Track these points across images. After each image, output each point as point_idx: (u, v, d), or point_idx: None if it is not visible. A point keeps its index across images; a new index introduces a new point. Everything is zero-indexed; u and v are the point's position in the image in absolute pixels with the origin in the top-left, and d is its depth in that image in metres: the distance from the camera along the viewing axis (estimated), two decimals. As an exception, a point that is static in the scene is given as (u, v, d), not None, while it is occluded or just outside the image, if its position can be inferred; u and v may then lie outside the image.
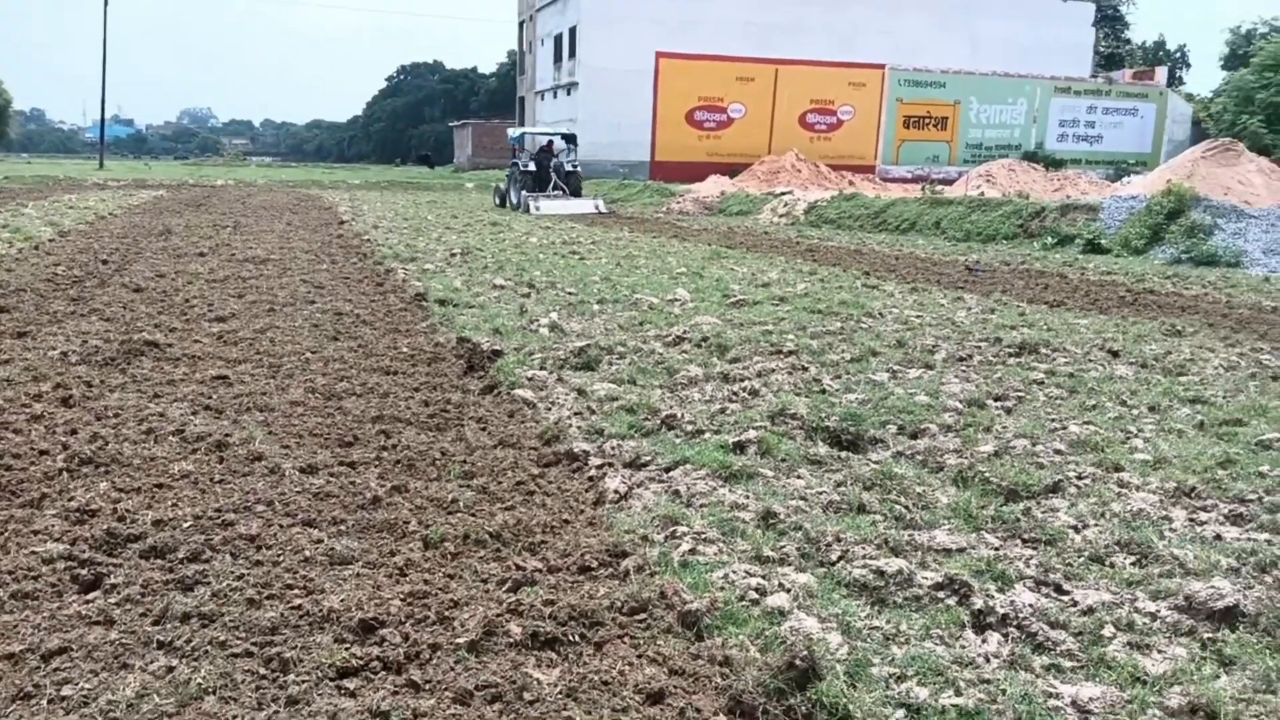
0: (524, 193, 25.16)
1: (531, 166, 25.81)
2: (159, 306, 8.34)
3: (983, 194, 22.55)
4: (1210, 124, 40.69)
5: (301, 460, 4.23)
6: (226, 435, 4.52)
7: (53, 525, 3.44)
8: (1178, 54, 63.25)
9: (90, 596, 2.96)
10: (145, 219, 18.69)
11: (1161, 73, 48.24)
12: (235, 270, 10.87)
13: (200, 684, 2.46)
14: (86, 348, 6.36)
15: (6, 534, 3.38)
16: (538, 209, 23.84)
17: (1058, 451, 4.61)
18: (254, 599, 2.92)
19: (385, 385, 5.71)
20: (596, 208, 24.92)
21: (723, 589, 3.05)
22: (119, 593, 2.96)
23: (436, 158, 75.74)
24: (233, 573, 3.09)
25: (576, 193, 25.76)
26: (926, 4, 43.48)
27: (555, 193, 25.31)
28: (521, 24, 51.87)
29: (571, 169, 26.38)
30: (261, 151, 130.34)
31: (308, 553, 3.26)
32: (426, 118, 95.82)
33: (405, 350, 6.76)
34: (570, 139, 27.81)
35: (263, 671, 2.54)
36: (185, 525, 3.48)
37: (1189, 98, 48.83)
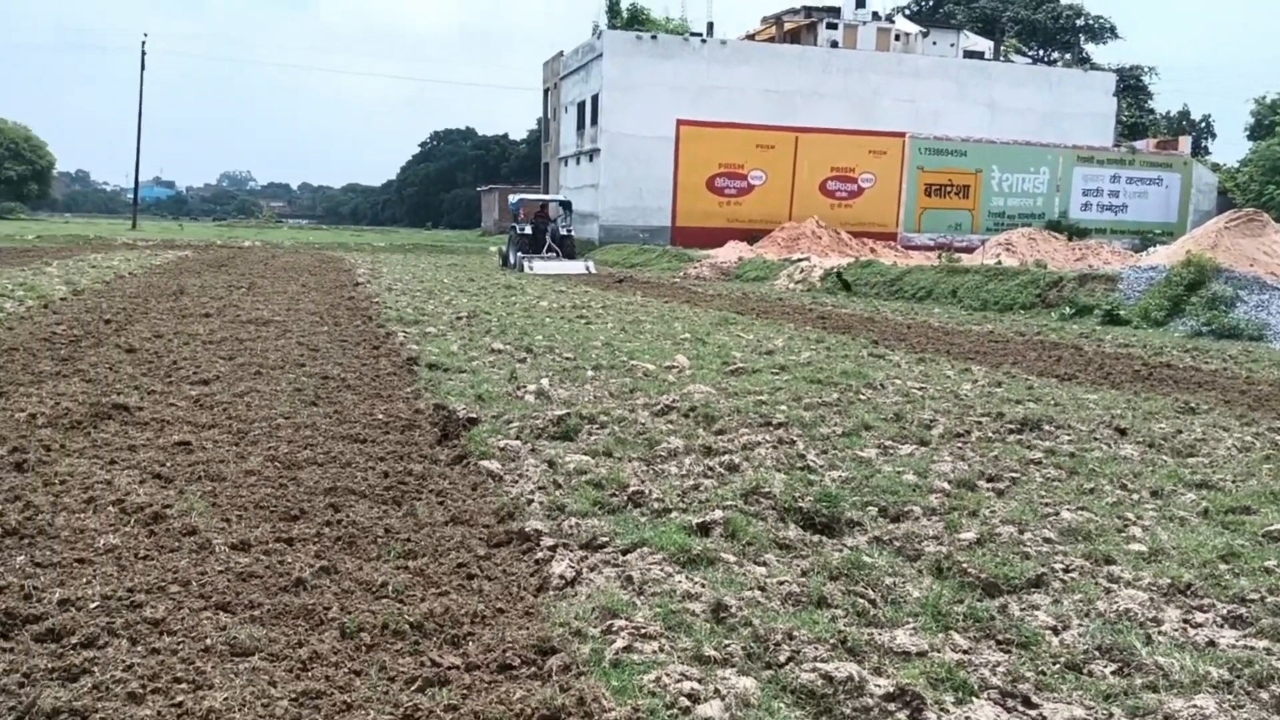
0: (519, 254, 27.10)
1: (528, 230, 27.86)
2: (145, 368, 8.21)
3: (1000, 262, 22.30)
4: (1236, 194, 40.40)
5: (236, 536, 4.01)
6: (166, 506, 4.31)
7: (-50, 604, 3.23)
8: (1202, 124, 63.15)
9: (-37, 687, 2.73)
10: (162, 279, 18.80)
11: (1185, 142, 48.10)
12: (234, 332, 10.78)
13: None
14: (57, 410, 6.21)
15: (-102, 613, 3.17)
16: (531, 269, 25.64)
17: (1046, 540, 4.29)
18: (135, 693, 2.68)
19: (349, 454, 5.50)
20: (587, 269, 26.42)
21: (652, 694, 2.77)
22: (-7, 684, 2.73)
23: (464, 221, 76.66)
24: (123, 661, 2.86)
25: (570, 255, 27.49)
26: (945, 72, 43.78)
27: (549, 254, 27.11)
28: (546, 91, 52.76)
29: (566, 233, 28.32)
30: (298, 214, 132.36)
31: (210, 640, 3.01)
32: (459, 182, 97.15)
33: (381, 417, 6.56)
34: (566, 205, 30.04)
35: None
36: (91, 606, 3.25)
37: (1215, 168, 48.57)
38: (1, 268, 20.09)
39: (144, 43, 57.62)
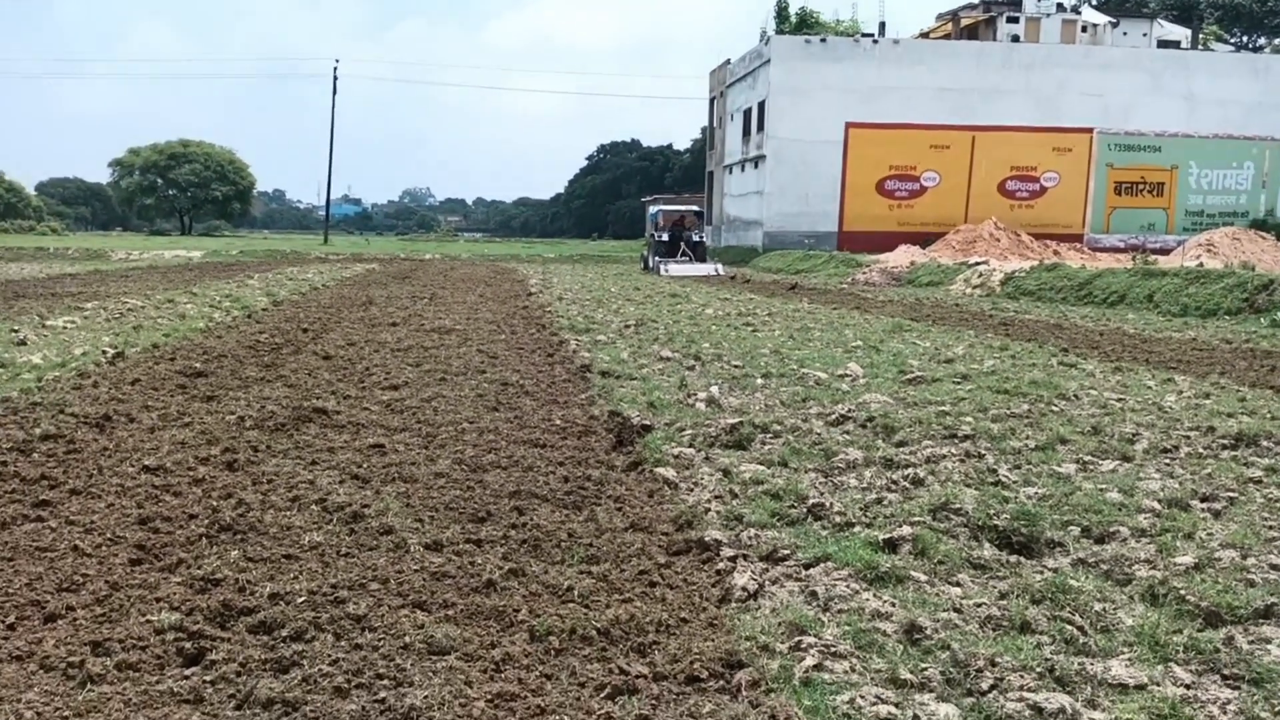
0: (656, 258, 30.27)
1: (665, 237, 31.19)
2: (341, 374, 8.68)
3: (1201, 264, 20.71)
4: None
5: (429, 536, 4.15)
6: (365, 506, 4.52)
7: (175, 593, 3.47)
8: None
9: (189, 672, 2.92)
10: (353, 290, 19.95)
11: None
12: (420, 340, 11.26)
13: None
14: (263, 413, 6.64)
15: (132, 600, 3.43)
16: (666, 271, 28.55)
17: (1273, 566, 3.90)
18: (341, 687, 2.79)
19: (531, 458, 5.62)
20: (716, 271, 29.02)
21: (846, 716, 2.66)
22: (215, 670, 2.91)
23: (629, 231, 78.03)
24: (329, 656, 2.99)
25: (701, 259, 30.41)
26: (1138, 63, 41.10)
27: (682, 258, 29.92)
28: (712, 100, 52.84)
29: (698, 239, 31.58)
30: (473, 228, 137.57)
31: (409, 638, 3.12)
32: (624, 194, 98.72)
33: (558, 422, 6.69)
34: (700, 215, 33.90)
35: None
36: (299, 600, 3.43)
37: None
38: (211, 280, 21.83)
39: (335, 69, 61.53)
